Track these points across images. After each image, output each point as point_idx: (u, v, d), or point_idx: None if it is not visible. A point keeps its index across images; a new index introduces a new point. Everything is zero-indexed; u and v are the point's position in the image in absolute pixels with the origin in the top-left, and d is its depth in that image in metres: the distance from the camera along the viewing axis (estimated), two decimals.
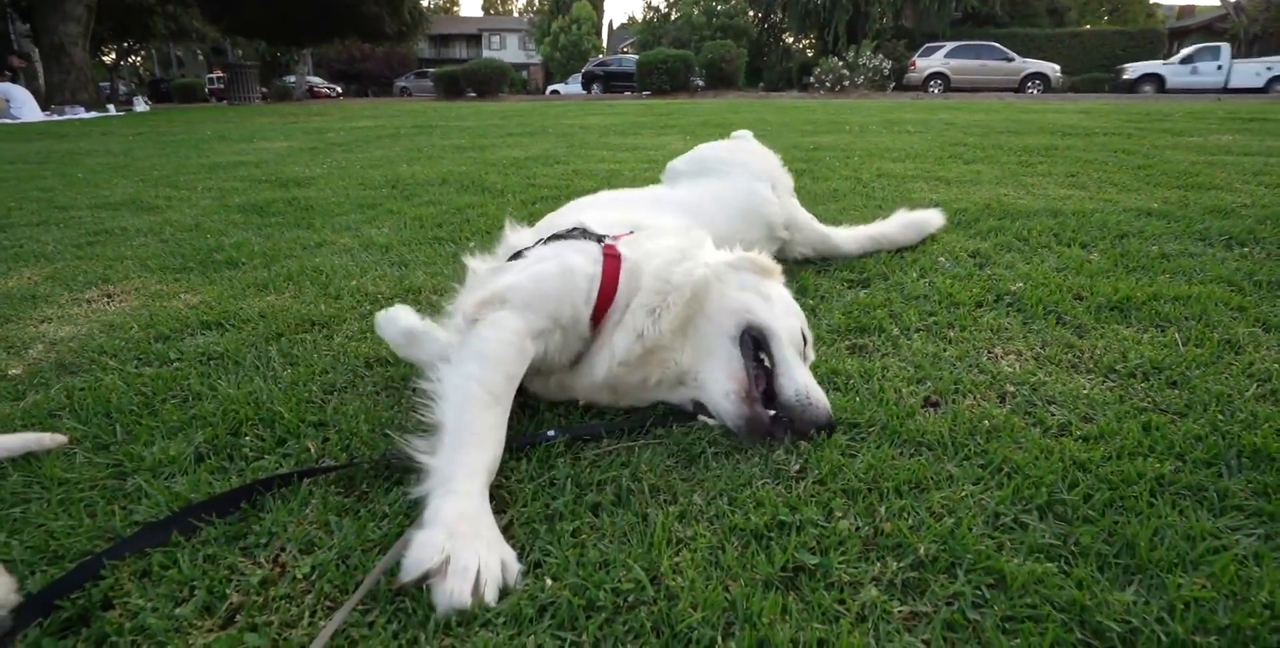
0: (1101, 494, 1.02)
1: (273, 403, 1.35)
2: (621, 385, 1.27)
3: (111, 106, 16.35)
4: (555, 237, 1.41)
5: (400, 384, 1.44)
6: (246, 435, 1.25)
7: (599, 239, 1.37)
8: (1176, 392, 1.32)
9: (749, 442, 1.17)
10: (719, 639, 0.79)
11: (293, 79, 24.51)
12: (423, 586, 0.86)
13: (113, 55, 25.79)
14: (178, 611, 0.86)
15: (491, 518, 0.96)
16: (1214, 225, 2.45)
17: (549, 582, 0.88)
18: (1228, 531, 0.95)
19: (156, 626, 0.84)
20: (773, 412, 1.17)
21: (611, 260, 1.29)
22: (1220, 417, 1.21)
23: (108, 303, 2.08)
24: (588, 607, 0.84)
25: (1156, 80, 19.56)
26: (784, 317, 1.27)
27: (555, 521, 1.01)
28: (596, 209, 1.71)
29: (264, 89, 21.96)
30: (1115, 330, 1.60)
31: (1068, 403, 1.30)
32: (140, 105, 18.05)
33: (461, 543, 0.88)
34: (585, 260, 1.28)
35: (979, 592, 0.86)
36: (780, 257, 2.03)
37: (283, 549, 0.97)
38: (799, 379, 1.18)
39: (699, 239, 1.42)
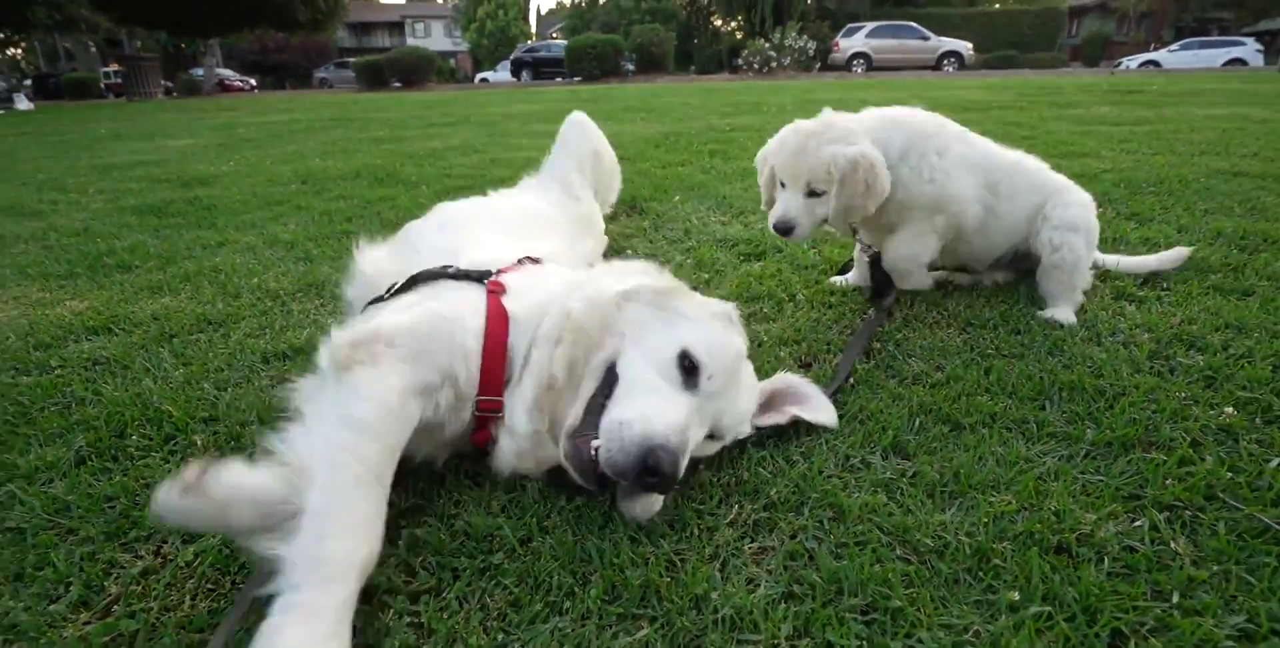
0: (939, 430, 1.14)
1: (161, 403, 1.34)
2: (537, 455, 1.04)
3: None
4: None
5: (299, 376, 1.45)
6: (132, 435, 1.24)
7: (479, 278, 1.17)
8: (1018, 337, 1.47)
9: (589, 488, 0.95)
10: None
11: (200, 72, 22.95)
12: None
13: None
14: (51, 607, 0.87)
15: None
16: None
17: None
18: (1039, 455, 1.08)
19: (28, 623, 0.84)
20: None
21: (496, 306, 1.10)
22: (1050, 358, 1.36)
23: None
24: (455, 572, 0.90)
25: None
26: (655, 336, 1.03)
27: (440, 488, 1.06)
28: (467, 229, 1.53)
29: (168, 83, 20.56)
30: (974, 289, 1.75)
31: (924, 355, 1.42)
32: (22, 103, 16.58)
33: None
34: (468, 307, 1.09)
35: (820, 525, 0.96)
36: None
37: (165, 541, 0.98)
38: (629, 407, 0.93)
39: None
